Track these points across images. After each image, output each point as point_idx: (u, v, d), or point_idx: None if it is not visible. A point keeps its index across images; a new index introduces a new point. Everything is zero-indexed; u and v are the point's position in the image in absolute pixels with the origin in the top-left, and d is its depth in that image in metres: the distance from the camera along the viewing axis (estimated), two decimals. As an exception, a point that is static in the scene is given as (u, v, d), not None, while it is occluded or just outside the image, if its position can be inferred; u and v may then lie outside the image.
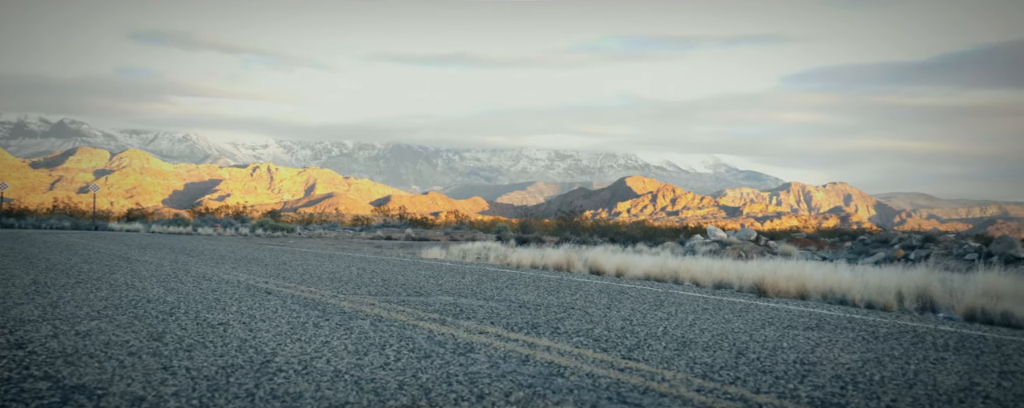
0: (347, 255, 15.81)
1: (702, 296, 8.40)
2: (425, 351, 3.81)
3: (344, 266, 11.23)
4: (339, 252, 17.46)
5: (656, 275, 11.98)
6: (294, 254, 15.24)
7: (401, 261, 13.96)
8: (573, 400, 2.90)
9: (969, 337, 5.49)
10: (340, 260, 13.33)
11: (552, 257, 14.81)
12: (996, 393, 3.31)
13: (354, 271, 10.06)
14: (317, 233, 38.37)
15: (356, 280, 8.32)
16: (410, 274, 9.88)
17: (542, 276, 10.90)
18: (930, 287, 8.45)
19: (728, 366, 3.76)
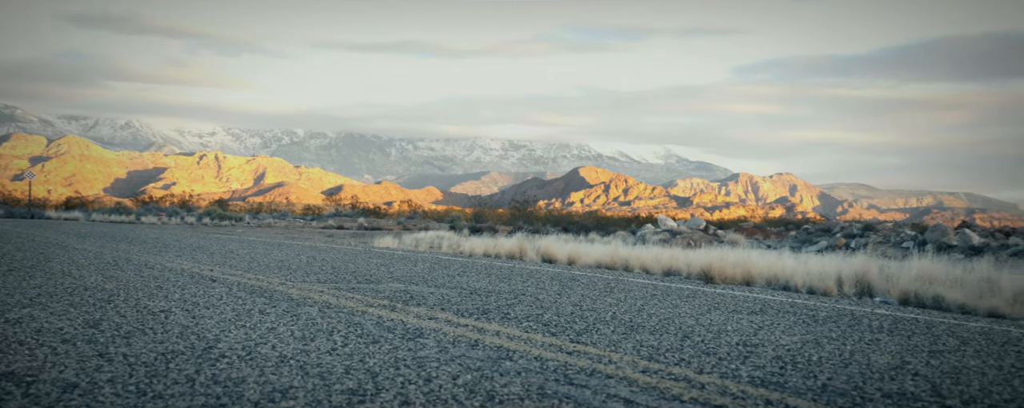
0: (297, 244, 15.55)
1: (651, 283, 8.54)
2: (374, 337, 3.78)
3: (293, 254, 11.04)
4: (289, 241, 17.16)
5: (607, 263, 12.13)
6: (242, 243, 14.92)
7: (352, 250, 13.80)
8: (521, 382, 2.92)
9: (902, 319, 5.71)
10: (289, 249, 13.11)
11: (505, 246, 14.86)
12: (925, 371, 3.45)
13: (303, 259, 9.91)
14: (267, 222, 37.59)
15: (305, 268, 8.19)
16: (361, 262, 9.78)
17: (494, 264, 10.92)
18: (868, 273, 8.77)
19: (674, 349, 3.83)
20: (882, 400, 2.83)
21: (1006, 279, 7.59)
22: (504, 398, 2.66)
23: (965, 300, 7.06)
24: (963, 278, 8.18)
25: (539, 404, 2.60)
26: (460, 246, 15.98)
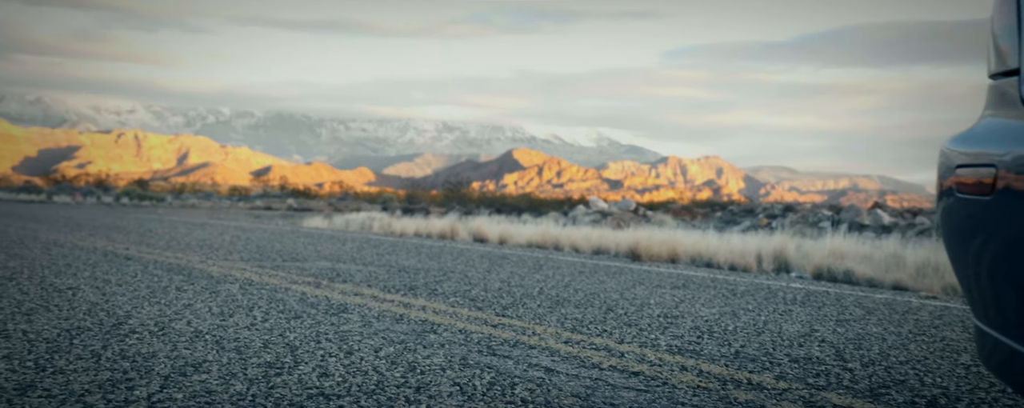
0: (221, 224, 15.06)
1: (580, 261, 8.67)
2: (296, 312, 3.71)
3: (217, 234, 10.70)
4: (213, 221, 16.60)
5: (538, 242, 12.25)
6: (162, 223, 14.34)
7: (279, 230, 13.47)
8: (444, 354, 2.92)
9: (814, 292, 5.99)
10: (213, 228, 12.68)
11: (437, 226, 14.79)
12: (831, 337, 3.63)
13: (227, 238, 9.61)
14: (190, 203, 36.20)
15: (228, 247, 7.95)
16: (288, 241, 9.56)
17: (425, 244, 10.86)
18: (785, 251, 9.15)
19: (597, 321, 3.91)
20: (789, 364, 2.96)
21: (910, 255, 8.08)
22: (426, 369, 2.66)
23: (873, 274, 7.46)
24: (872, 254, 8.66)
25: (460, 374, 2.61)
26: (391, 226, 15.82)
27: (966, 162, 1.33)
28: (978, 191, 1.28)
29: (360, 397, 2.23)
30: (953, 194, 1.37)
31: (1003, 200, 1.21)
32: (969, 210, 1.32)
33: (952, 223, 1.40)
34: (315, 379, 2.41)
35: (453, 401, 2.25)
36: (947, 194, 1.41)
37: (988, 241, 1.27)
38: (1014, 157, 1.20)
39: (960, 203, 1.35)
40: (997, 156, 1.24)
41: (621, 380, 2.62)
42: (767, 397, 2.45)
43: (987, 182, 1.25)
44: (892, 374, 2.83)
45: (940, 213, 1.46)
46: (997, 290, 1.28)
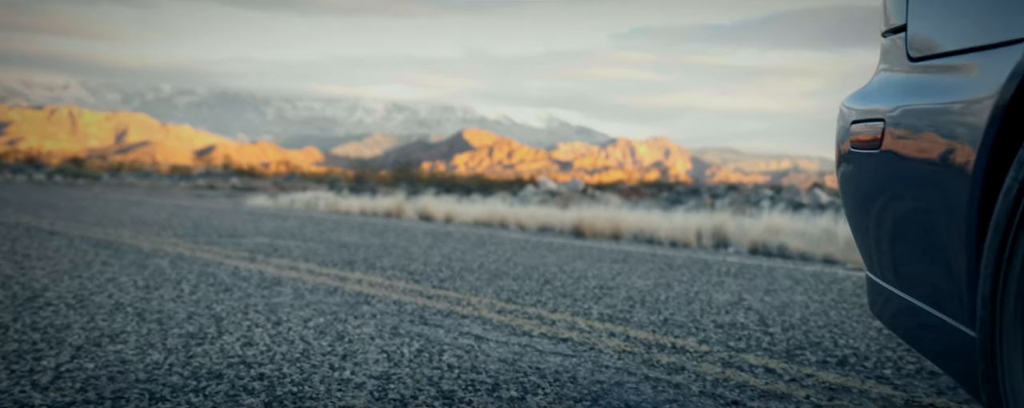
0: (159, 201, 14.60)
1: (525, 238, 8.72)
2: (226, 285, 3.63)
3: (152, 211, 10.37)
4: (150, 199, 16.08)
5: (485, 220, 12.26)
6: (96, 200, 13.82)
7: (220, 207, 13.14)
8: (375, 324, 2.90)
9: (748, 265, 6.16)
10: (149, 205, 12.29)
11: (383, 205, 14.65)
12: (757, 305, 3.75)
13: (163, 215, 9.33)
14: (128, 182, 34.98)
15: (163, 223, 7.72)
16: (227, 219, 9.34)
17: (370, 222, 10.76)
18: (725, 226, 9.39)
19: (533, 292, 3.94)
20: (714, 329, 3.04)
21: (842, 230, 8.38)
22: (355, 338, 2.64)
23: (806, 248, 7.72)
24: (806, 230, 8.95)
25: (389, 342, 2.60)
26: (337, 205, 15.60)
27: (859, 118, 1.37)
28: (868, 145, 1.32)
29: (283, 365, 2.20)
30: (848, 150, 1.42)
31: (889, 153, 1.26)
32: (860, 164, 1.37)
33: (846, 178, 1.45)
34: (238, 348, 2.37)
35: (379, 368, 2.24)
36: (843, 151, 1.45)
37: (875, 194, 1.32)
38: (899, 111, 1.24)
39: (853, 158, 1.39)
40: (885, 111, 1.29)
41: (549, 346, 2.65)
42: (688, 359, 2.51)
43: (876, 137, 1.30)
44: (809, 337, 2.93)
45: (838, 171, 1.51)
46: (882, 241, 1.33)
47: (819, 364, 2.48)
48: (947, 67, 1.16)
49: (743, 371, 2.37)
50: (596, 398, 2.03)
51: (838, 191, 1.52)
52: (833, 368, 2.43)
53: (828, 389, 2.16)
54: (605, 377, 2.25)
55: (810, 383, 2.23)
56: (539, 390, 2.08)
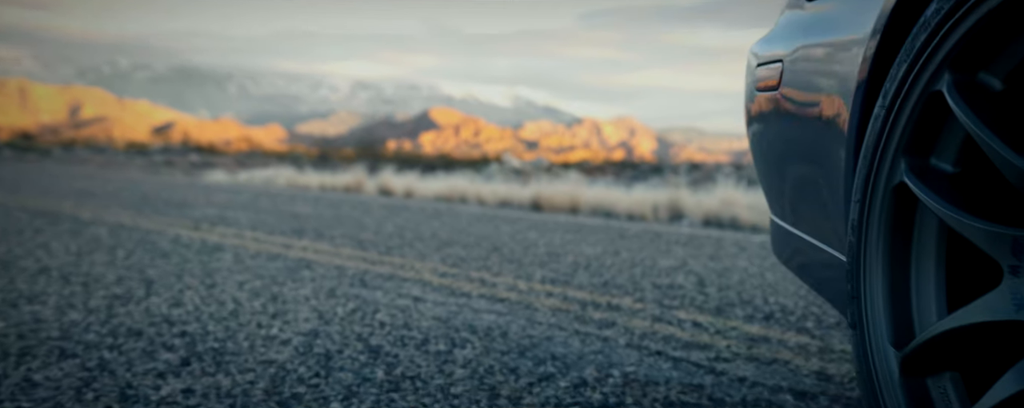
0: (109, 175, 14.24)
1: (484, 211, 8.73)
2: (164, 251, 3.57)
3: (100, 184, 10.11)
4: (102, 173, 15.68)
5: (445, 195, 12.24)
6: (43, 173, 13.42)
7: (173, 182, 12.87)
8: (312, 287, 2.89)
9: (698, 235, 6.26)
10: (98, 179, 11.98)
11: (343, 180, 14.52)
12: (699, 269, 3.82)
13: (111, 188, 9.10)
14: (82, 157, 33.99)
15: (111, 195, 7.53)
16: (179, 192, 9.15)
17: (328, 196, 10.65)
18: (680, 200, 9.53)
19: (479, 258, 3.95)
20: (651, 290, 3.09)
21: (792, 203, 8.56)
22: (288, 299, 2.62)
23: (757, 220, 7.88)
24: (759, 203, 9.12)
25: (324, 303, 2.59)
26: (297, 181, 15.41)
27: (762, 61, 1.39)
28: (769, 89, 1.35)
29: (209, 323, 2.18)
30: (753, 95, 1.44)
31: (785, 93, 1.28)
32: (762, 107, 1.39)
33: (750, 122, 1.47)
34: (165, 309, 2.34)
35: (308, 325, 2.23)
36: (750, 95, 1.48)
37: (774, 135, 1.35)
38: (795, 51, 1.26)
39: (757, 102, 1.42)
40: (784, 53, 1.31)
41: (486, 306, 2.67)
42: (621, 315, 2.55)
43: (775, 79, 1.32)
44: (742, 296, 3.00)
45: (745, 117, 1.53)
46: (780, 181, 1.36)
47: (746, 318, 2.54)
48: (835, 4, 1.18)
49: (672, 325, 2.42)
50: (523, 351, 2.05)
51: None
52: (758, 321, 2.49)
53: (749, 339, 2.22)
54: (536, 332, 2.27)
55: (733, 335, 2.29)
56: (467, 344, 2.10)
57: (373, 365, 1.83)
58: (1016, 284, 0.82)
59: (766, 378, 1.84)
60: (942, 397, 0.91)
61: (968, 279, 0.93)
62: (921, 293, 0.96)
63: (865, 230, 1.00)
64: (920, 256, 0.96)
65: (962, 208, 0.87)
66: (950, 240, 0.95)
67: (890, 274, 0.97)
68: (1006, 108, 0.87)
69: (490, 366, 1.88)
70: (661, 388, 1.73)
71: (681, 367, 1.93)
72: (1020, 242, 0.82)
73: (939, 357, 0.91)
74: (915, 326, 0.95)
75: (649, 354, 2.05)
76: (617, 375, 1.84)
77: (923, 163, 0.94)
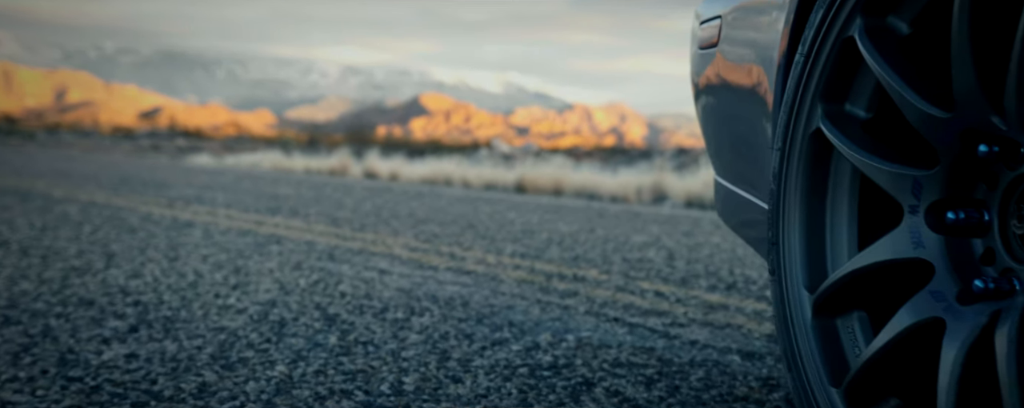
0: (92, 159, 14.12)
1: (466, 194, 8.72)
2: (132, 227, 3.55)
3: (80, 165, 10.03)
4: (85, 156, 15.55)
5: (430, 179, 12.22)
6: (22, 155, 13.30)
7: (156, 164, 12.78)
8: (278, 260, 2.88)
9: (678, 215, 6.28)
10: (79, 161, 11.88)
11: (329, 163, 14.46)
12: (671, 245, 3.83)
13: (91, 169, 9.03)
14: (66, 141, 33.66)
15: (88, 176, 7.48)
16: (159, 174, 9.09)
17: (312, 178, 10.62)
18: (665, 183, 9.56)
19: (453, 235, 3.95)
20: (620, 263, 3.10)
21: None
22: (251, 271, 2.62)
23: (738, 202, 7.93)
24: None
25: (288, 275, 2.58)
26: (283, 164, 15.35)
27: (705, 19, 1.39)
28: (709, 45, 1.35)
29: (165, 294, 2.17)
30: (696, 53, 1.44)
31: (722, 49, 1.28)
32: (703, 65, 1.39)
33: (695, 83, 1.47)
34: (122, 280, 2.33)
35: (267, 296, 2.23)
36: (693, 56, 1.47)
37: (715, 93, 1.35)
38: (734, 6, 1.26)
39: (699, 59, 1.42)
40: (723, 9, 1.31)
41: (452, 278, 2.67)
42: (585, 286, 2.56)
43: (715, 36, 1.32)
44: (709, 269, 3.02)
45: (691, 78, 1.53)
46: (719, 138, 1.36)
47: (708, 288, 2.56)
48: (766, -43, 1.17)
49: (634, 294, 2.43)
50: (481, 318, 2.06)
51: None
52: (720, 291, 2.51)
53: (708, 307, 2.24)
54: (498, 302, 2.28)
55: (693, 303, 2.30)
56: (426, 312, 2.10)
57: (327, 332, 1.84)
58: (915, 222, 0.83)
59: (718, 341, 1.86)
60: (850, 337, 0.92)
61: (879, 223, 0.94)
62: (835, 238, 0.97)
63: (784, 178, 1.00)
64: (835, 202, 0.97)
65: (871, 152, 0.88)
66: (863, 185, 0.96)
67: (806, 220, 0.98)
68: (913, 51, 0.87)
69: (445, 332, 1.88)
70: (612, 351, 1.75)
71: (636, 332, 1.94)
72: (919, 182, 0.83)
73: (847, 298, 0.92)
74: (828, 270, 0.96)
75: (606, 321, 2.06)
76: (571, 339, 1.85)
77: (838, 109, 0.95)
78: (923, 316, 0.78)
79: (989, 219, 0.78)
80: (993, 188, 0.78)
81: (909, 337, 0.80)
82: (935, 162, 0.81)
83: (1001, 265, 0.77)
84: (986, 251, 0.79)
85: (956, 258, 0.80)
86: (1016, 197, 0.76)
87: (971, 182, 0.80)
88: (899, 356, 0.82)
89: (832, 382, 0.89)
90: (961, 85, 0.74)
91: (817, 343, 0.92)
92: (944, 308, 0.77)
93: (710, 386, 1.50)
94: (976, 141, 0.77)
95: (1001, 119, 0.72)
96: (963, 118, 0.76)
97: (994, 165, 0.77)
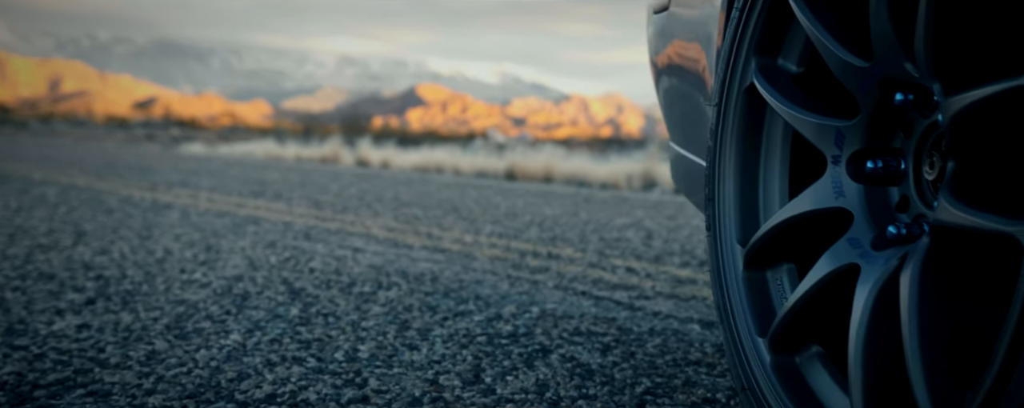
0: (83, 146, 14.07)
1: (455, 180, 8.71)
2: (109, 208, 3.53)
3: (68, 152, 9.99)
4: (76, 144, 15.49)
5: (422, 167, 12.20)
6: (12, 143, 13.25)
7: (146, 152, 12.74)
8: (252, 240, 2.88)
9: (665, 201, 6.29)
10: (67, 148, 11.84)
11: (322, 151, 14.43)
12: (651, 226, 3.83)
13: (78, 155, 9.00)
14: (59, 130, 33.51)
15: (74, 161, 7.45)
16: (147, 160, 9.06)
17: (303, 166, 10.59)
18: (655, 170, 9.56)
19: (433, 217, 3.95)
20: (597, 243, 3.10)
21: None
22: (223, 249, 2.61)
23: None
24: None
25: (259, 253, 2.58)
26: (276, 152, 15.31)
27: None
28: (662, 8, 1.34)
29: (129, 269, 2.16)
30: (651, 19, 1.43)
31: (674, 11, 1.27)
32: (657, 29, 1.38)
33: (650, 50, 1.47)
34: (88, 257, 2.32)
35: (235, 271, 2.22)
36: (648, 21, 1.47)
37: (666, 55, 1.34)
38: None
39: (653, 24, 1.41)
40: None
41: (426, 255, 2.67)
42: (557, 263, 2.56)
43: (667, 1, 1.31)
44: (684, 247, 3.02)
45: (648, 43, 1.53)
46: (671, 102, 1.36)
47: (681, 265, 2.56)
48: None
49: (605, 270, 2.43)
50: (448, 292, 2.06)
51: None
52: (691, 267, 2.51)
53: (676, 281, 2.24)
54: (468, 277, 2.28)
55: (663, 278, 2.30)
56: (394, 287, 2.10)
57: (289, 304, 1.83)
58: (836, 172, 0.83)
59: (680, 312, 1.86)
60: (779, 289, 0.92)
61: (809, 177, 0.94)
62: (768, 192, 0.96)
63: (720, 133, 1.00)
64: (768, 157, 0.97)
65: (798, 104, 0.88)
66: (795, 140, 0.95)
67: (741, 175, 0.98)
68: (838, 3, 0.87)
69: (410, 305, 1.88)
70: (574, 321, 1.75)
71: (602, 304, 1.94)
72: (841, 133, 0.82)
73: (776, 251, 0.92)
74: (761, 224, 0.96)
75: (574, 294, 2.06)
76: (535, 311, 1.85)
77: (771, 63, 0.94)
78: (840, 263, 0.78)
79: (905, 168, 0.78)
80: (909, 136, 0.78)
81: (829, 285, 0.80)
82: (856, 112, 0.81)
83: (914, 211, 0.77)
84: (902, 199, 0.79)
85: (874, 206, 0.80)
86: (930, 145, 0.76)
87: (889, 131, 0.80)
88: (820, 304, 0.82)
89: (759, 332, 0.89)
90: (877, 32, 0.74)
91: (747, 295, 0.92)
92: (859, 254, 0.77)
93: (665, 352, 1.50)
94: (893, 90, 0.76)
95: (913, 66, 0.72)
96: (881, 66, 0.75)
97: (909, 113, 0.77)
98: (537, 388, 1.26)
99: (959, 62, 0.66)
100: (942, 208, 0.63)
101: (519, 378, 1.31)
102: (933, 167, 0.74)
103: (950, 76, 0.66)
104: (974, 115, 0.61)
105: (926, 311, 0.65)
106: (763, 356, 0.87)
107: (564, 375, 1.33)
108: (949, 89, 0.65)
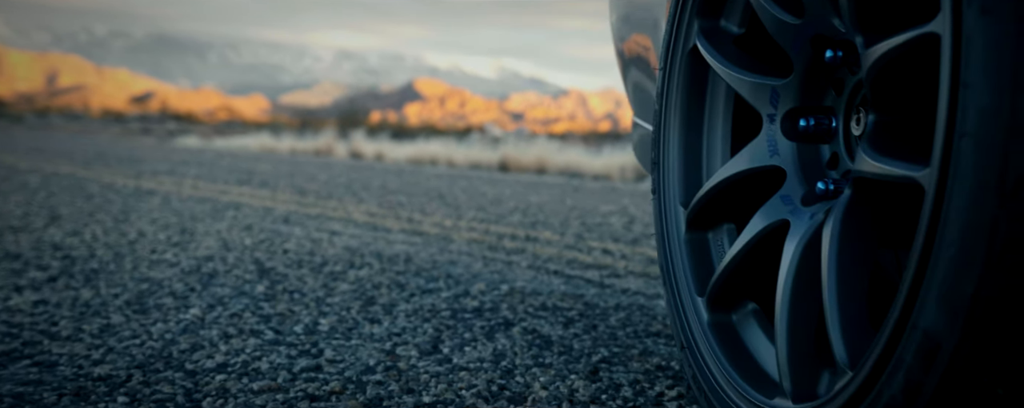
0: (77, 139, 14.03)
1: (448, 172, 8.70)
2: (90, 194, 3.52)
3: (59, 143, 9.96)
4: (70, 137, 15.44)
5: (416, 159, 12.18)
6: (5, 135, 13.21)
7: (139, 144, 12.70)
8: (231, 223, 2.87)
9: (654, 190, 6.29)
10: (60, 140, 11.80)
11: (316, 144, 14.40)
12: (634, 212, 3.83)
13: (68, 146, 8.98)
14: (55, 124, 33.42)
15: (64, 152, 7.42)
16: (139, 152, 9.04)
17: (296, 158, 10.57)
18: (648, 161, 9.58)
19: (416, 204, 3.94)
20: (578, 227, 3.10)
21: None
22: (199, 232, 2.60)
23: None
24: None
25: (234, 236, 2.57)
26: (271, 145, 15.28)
27: (614, -46, 1.37)
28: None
29: (99, 249, 2.15)
30: None
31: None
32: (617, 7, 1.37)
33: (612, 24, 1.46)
34: (60, 238, 2.31)
35: (207, 252, 2.21)
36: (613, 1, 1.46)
37: (624, 25, 1.33)
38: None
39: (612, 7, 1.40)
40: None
41: (403, 238, 2.66)
42: (535, 245, 2.55)
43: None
44: (665, 232, 3.02)
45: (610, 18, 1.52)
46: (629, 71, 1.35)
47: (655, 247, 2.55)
48: None
49: (581, 252, 2.42)
50: (420, 271, 2.05)
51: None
52: (667, 250, 2.51)
53: (650, 261, 2.23)
54: (443, 258, 2.27)
55: (637, 259, 2.30)
56: (366, 266, 2.09)
57: (256, 282, 1.83)
58: (772, 131, 0.82)
59: (649, 289, 1.85)
60: (719, 249, 0.91)
61: (749, 139, 0.93)
62: (710, 154, 0.96)
63: (666, 97, 0.99)
64: (711, 119, 0.96)
65: (736, 64, 0.87)
66: (737, 102, 0.95)
67: (684, 138, 0.97)
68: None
69: (379, 283, 1.87)
70: (542, 297, 1.74)
71: (572, 282, 1.94)
72: (776, 92, 0.82)
73: (717, 211, 0.91)
74: (703, 185, 0.95)
75: (546, 273, 2.05)
76: (504, 288, 1.84)
77: (713, 25, 0.93)
78: (772, 219, 0.78)
79: (836, 125, 0.78)
80: (840, 94, 0.77)
81: (762, 241, 0.79)
82: (790, 71, 0.80)
83: (843, 168, 0.76)
84: (832, 156, 0.78)
85: (806, 164, 0.79)
86: (859, 102, 0.75)
87: (821, 89, 0.79)
88: (754, 261, 0.81)
89: (698, 292, 0.89)
90: (808, -15, 0.73)
91: (689, 256, 0.92)
92: (790, 211, 0.77)
93: (627, 325, 1.49)
94: (824, 47, 0.76)
95: (840, 20, 0.71)
96: (812, 23, 0.75)
97: (839, 70, 0.77)
98: (494, 357, 1.26)
99: (879, 14, 0.65)
100: (860, 159, 0.63)
101: (477, 349, 1.31)
102: (859, 123, 0.73)
103: (871, 28, 0.65)
104: (888, 66, 0.60)
105: (846, 262, 0.65)
106: (702, 315, 0.86)
107: (523, 346, 1.33)
108: (870, 41, 0.65)
